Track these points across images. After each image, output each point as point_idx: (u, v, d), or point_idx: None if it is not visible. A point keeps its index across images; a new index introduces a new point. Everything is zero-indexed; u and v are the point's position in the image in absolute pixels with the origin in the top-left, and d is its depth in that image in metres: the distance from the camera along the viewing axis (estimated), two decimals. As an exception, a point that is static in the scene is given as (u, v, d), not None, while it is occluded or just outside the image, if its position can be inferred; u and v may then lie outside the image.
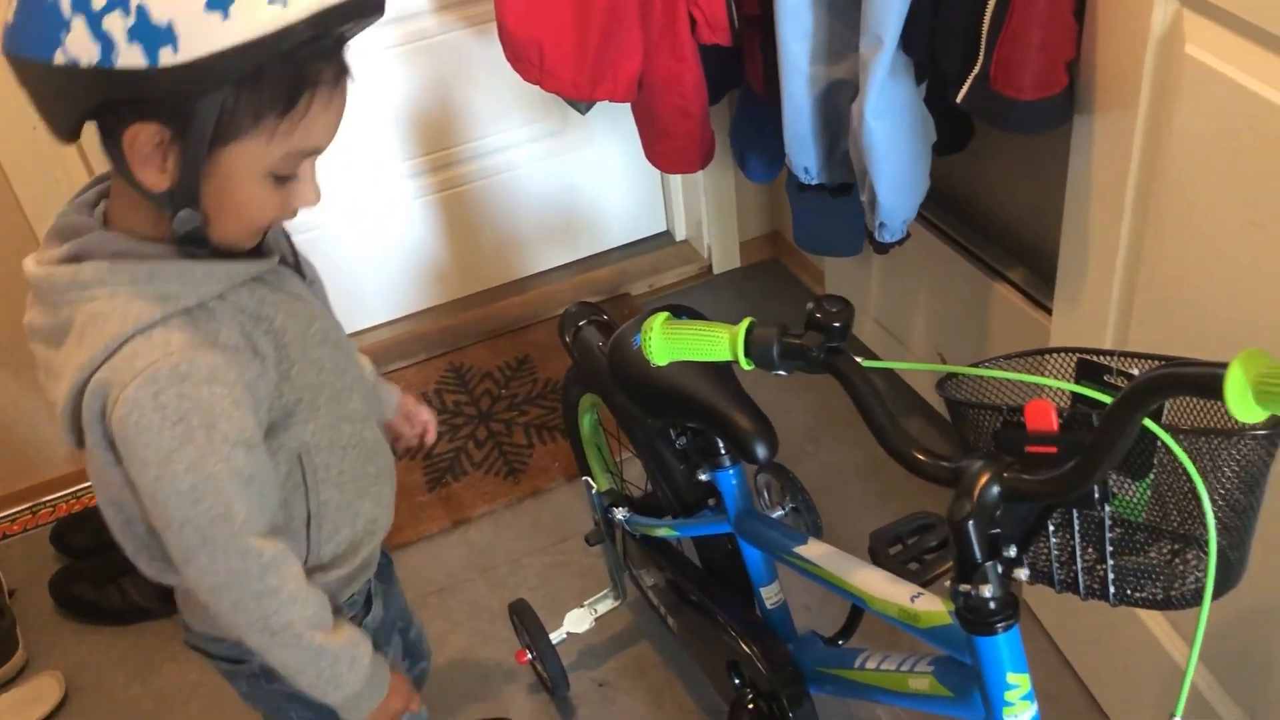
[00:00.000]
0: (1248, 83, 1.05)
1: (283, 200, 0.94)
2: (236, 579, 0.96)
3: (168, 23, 0.79)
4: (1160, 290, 1.26)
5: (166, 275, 0.91)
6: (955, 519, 0.89)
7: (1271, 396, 0.68)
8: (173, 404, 0.89)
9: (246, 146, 0.87)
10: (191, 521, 0.93)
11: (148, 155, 0.87)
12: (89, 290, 0.91)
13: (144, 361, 0.89)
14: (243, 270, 0.96)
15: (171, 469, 0.91)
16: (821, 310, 0.98)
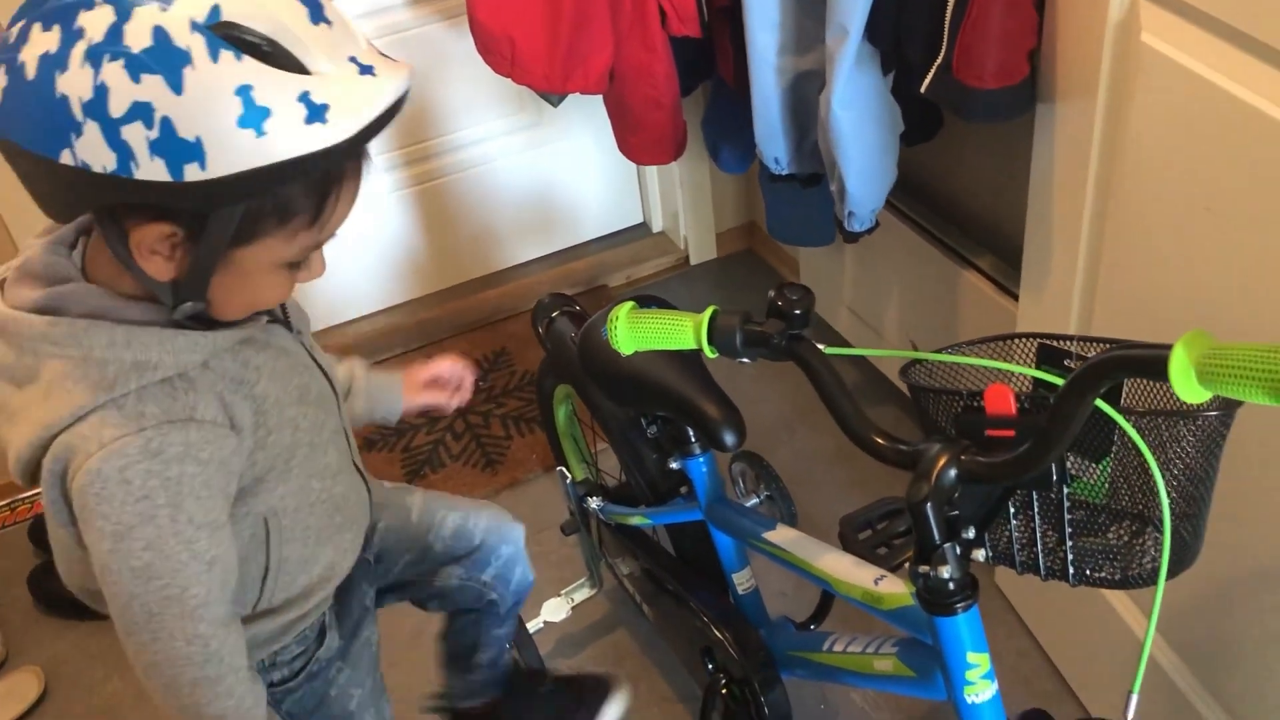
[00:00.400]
0: (1202, 70, 1.07)
1: (292, 281, 0.91)
2: (175, 662, 0.91)
3: (196, 139, 0.74)
4: (1122, 275, 1.28)
5: (146, 343, 0.85)
6: (913, 501, 0.90)
7: (1214, 377, 0.69)
8: (138, 480, 0.84)
9: (267, 245, 0.84)
10: (140, 598, 0.87)
11: (154, 248, 0.82)
12: (61, 347, 0.85)
13: (112, 434, 0.84)
14: (229, 337, 0.91)
15: (127, 545, 0.86)
16: (783, 298, 0.99)
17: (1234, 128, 1.04)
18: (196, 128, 0.74)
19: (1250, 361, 0.67)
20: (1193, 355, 0.70)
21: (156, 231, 0.81)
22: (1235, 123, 1.04)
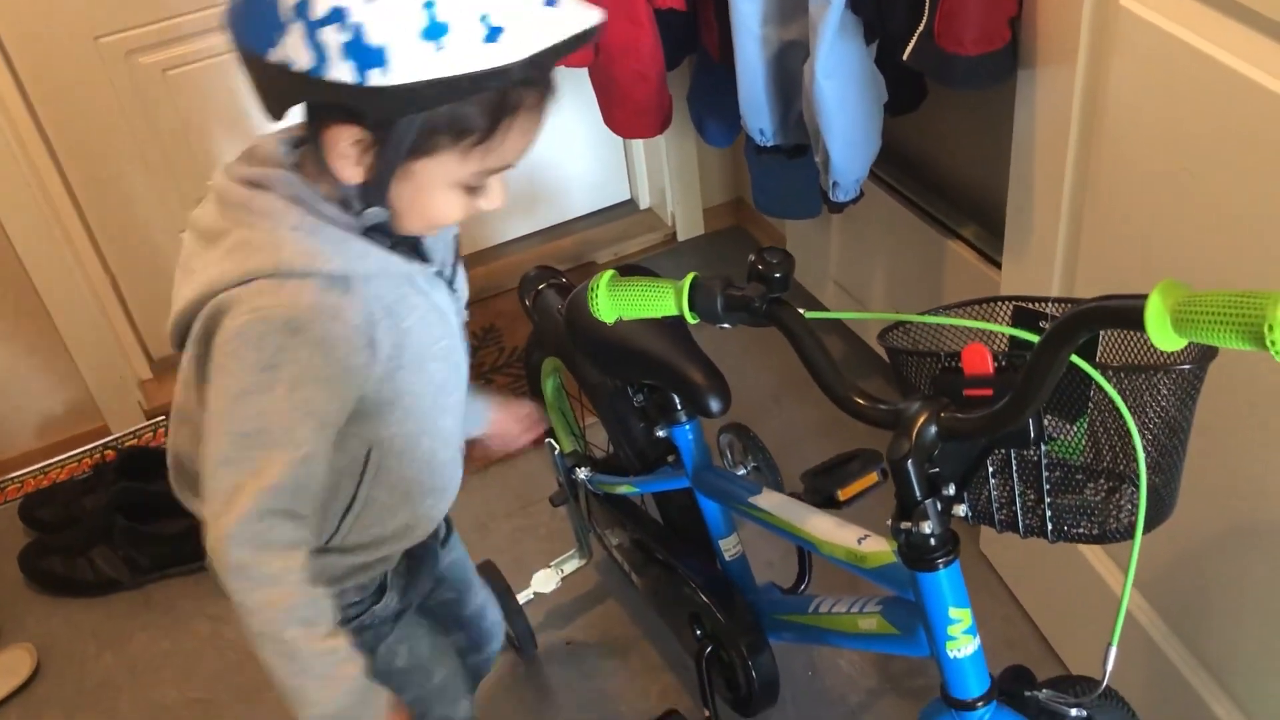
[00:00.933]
0: (1180, 33, 1.08)
1: (469, 205, 0.94)
2: (245, 530, 0.91)
3: (381, 46, 0.80)
4: (1103, 238, 1.29)
5: (326, 236, 0.91)
6: (894, 458, 0.91)
7: (1188, 323, 0.70)
8: (270, 349, 0.88)
9: (441, 161, 0.89)
10: (232, 464, 0.90)
11: (345, 152, 0.89)
12: (254, 217, 0.91)
13: (265, 302, 0.89)
14: (398, 265, 0.96)
15: (241, 408, 0.89)
16: (763, 262, 1.00)
17: (1212, 90, 1.05)
18: (383, 35, 0.80)
19: (1224, 306, 0.68)
20: (1168, 303, 0.71)
21: (346, 134, 0.87)
22: (1213, 85, 1.05)
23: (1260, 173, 1.03)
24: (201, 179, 2.33)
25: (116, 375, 2.24)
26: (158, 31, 2.07)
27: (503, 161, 0.91)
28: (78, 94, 2.05)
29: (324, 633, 0.94)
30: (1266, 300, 0.64)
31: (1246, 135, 1.03)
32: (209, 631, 1.91)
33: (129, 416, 2.29)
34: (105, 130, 2.11)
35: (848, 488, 1.17)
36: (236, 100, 2.18)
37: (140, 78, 2.09)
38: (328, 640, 0.94)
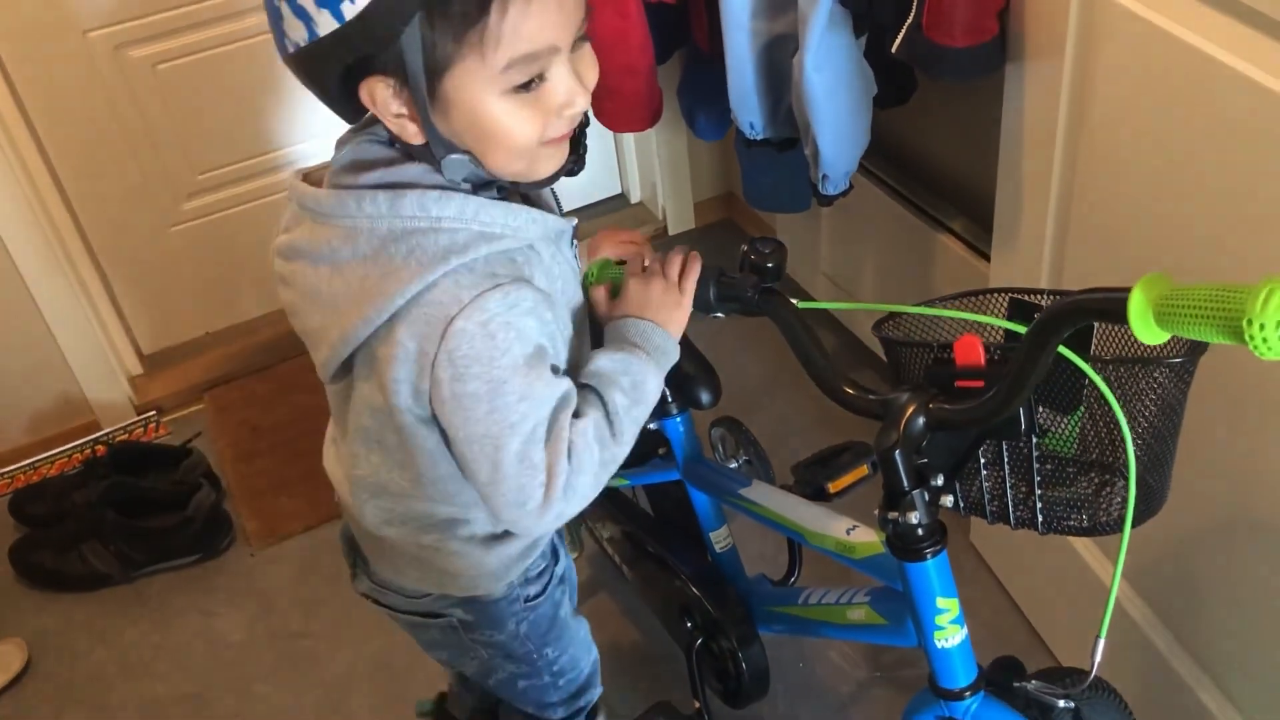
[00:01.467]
0: (1165, 25, 1.08)
1: (539, 109, 0.88)
2: (583, 477, 0.93)
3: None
4: (1091, 230, 1.29)
5: (493, 213, 0.89)
6: (882, 448, 0.92)
7: (1171, 318, 0.71)
8: (500, 334, 0.87)
9: (464, 69, 0.85)
10: (526, 449, 0.89)
11: (392, 109, 0.87)
12: (409, 218, 0.88)
13: (470, 293, 0.87)
14: (556, 224, 0.95)
15: (504, 400, 0.88)
16: (755, 252, 1.01)
17: (1199, 81, 1.06)
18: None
19: (1205, 301, 0.68)
20: (1151, 297, 0.72)
21: (379, 91, 0.86)
22: (1200, 76, 1.05)
23: (1246, 165, 1.03)
24: (192, 172, 2.34)
25: (107, 370, 2.24)
26: (148, 25, 2.06)
27: (527, 44, 0.85)
28: (67, 88, 2.05)
29: (618, 405, 0.95)
30: (1245, 295, 0.65)
31: (1233, 127, 1.03)
32: (200, 626, 1.91)
33: (119, 412, 2.28)
34: (95, 124, 2.10)
35: (838, 480, 1.18)
36: (227, 94, 2.17)
37: (130, 72, 2.08)
38: (619, 396, 0.95)
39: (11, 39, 1.97)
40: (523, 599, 1.15)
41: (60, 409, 2.25)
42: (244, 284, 2.37)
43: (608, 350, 0.98)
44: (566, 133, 0.92)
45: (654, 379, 0.97)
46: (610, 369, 0.96)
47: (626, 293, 1.02)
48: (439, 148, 0.89)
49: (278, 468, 2.14)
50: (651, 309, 1.00)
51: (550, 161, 0.93)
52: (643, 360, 0.97)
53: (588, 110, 0.95)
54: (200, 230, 2.30)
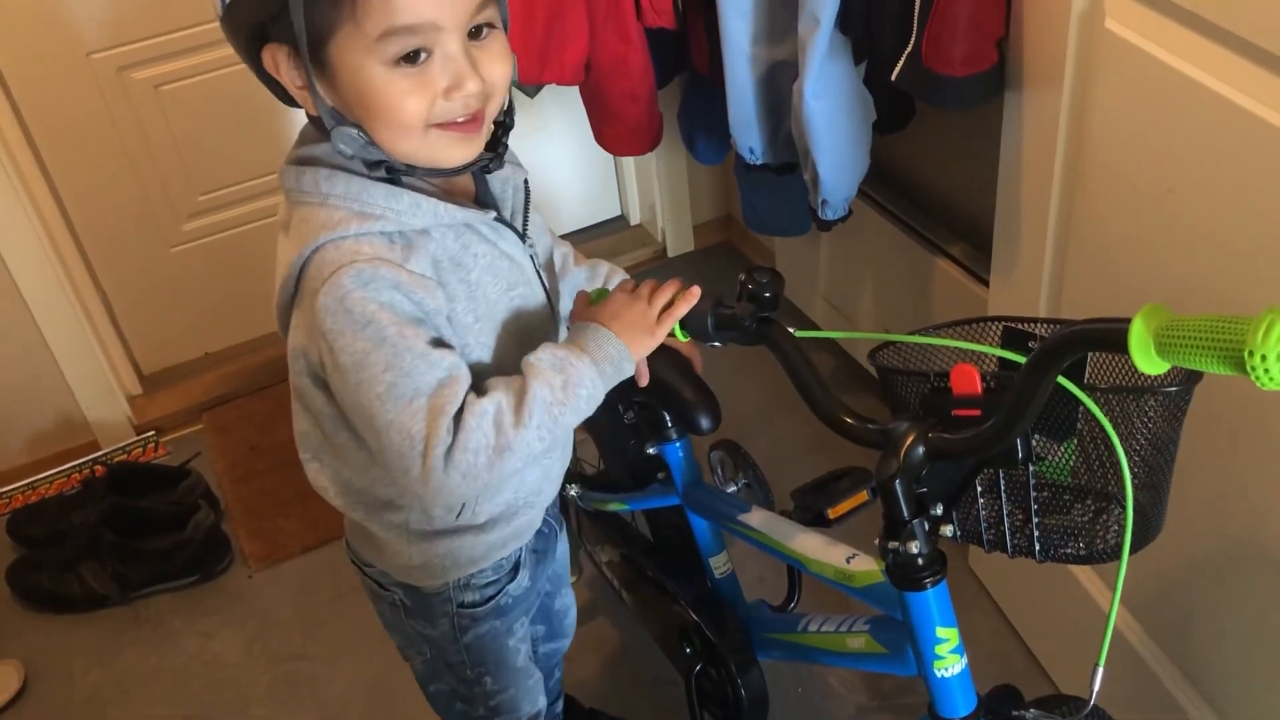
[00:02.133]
0: (1163, 56, 1.09)
1: (425, 86, 0.89)
2: (467, 454, 0.91)
3: None
4: (1089, 258, 1.30)
5: (374, 195, 0.92)
6: (882, 478, 0.92)
7: (1171, 348, 0.71)
8: (358, 308, 0.89)
9: (344, 37, 0.87)
10: (396, 423, 0.90)
11: (295, 81, 0.91)
12: (305, 194, 0.93)
13: (329, 268, 0.90)
14: (452, 213, 0.95)
15: (370, 372, 0.89)
16: (753, 281, 1.01)
17: (1195, 112, 1.06)
18: None
19: (1205, 332, 0.69)
20: (1151, 327, 0.72)
21: (281, 60, 0.90)
22: (1196, 107, 1.06)
23: (1242, 195, 1.04)
24: (193, 193, 2.35)
25: (106, 390, 2.24)
26: (150, 48, 2.07)
27: (400, 16, 0.86)
28: (70, 109, 2.06)
29: (539, 396, 0.93)
30: (1246, 326, 0.65)
31: (1229, 158, 1.04)
32: (197, 647, 1.90)
33: (118, 432, 2.28)
34: (97, 145, 2.11)
35: (837, 506, 1.18)
36: (228, 116, 2.18)
37: (132, 93, 2.09)
38: (543, 389, 0.93)
39: (16, 61, 1.98)
40: (458, 602, 1.14)
41: (59, 429, 2.25)
42: (244, 304, 2.37)
43: (557, 346, 0.97)
44: (465, 121, 0.92)
45: (592, 386, 0.95)
46: (548, 363, 0.94)
47: (606, 301, 1.02)
48: (327, 118, 0.91)
49: (276, 488, 2.14)
50: (621, 323, 0.99)
51: (451, 149, 0.93)
52: (586, 365, 0.95)
53: (509, 110, 0.98)
54: (200, 251, 2.31)
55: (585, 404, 0.95)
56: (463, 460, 0.90)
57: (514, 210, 1.04)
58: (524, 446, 0.92)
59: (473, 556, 1.11)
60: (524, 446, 0.92)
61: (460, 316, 0.96)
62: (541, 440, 0.93)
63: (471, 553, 1.10)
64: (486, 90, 0.91)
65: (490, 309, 0.99)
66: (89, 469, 2.15)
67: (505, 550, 1.14)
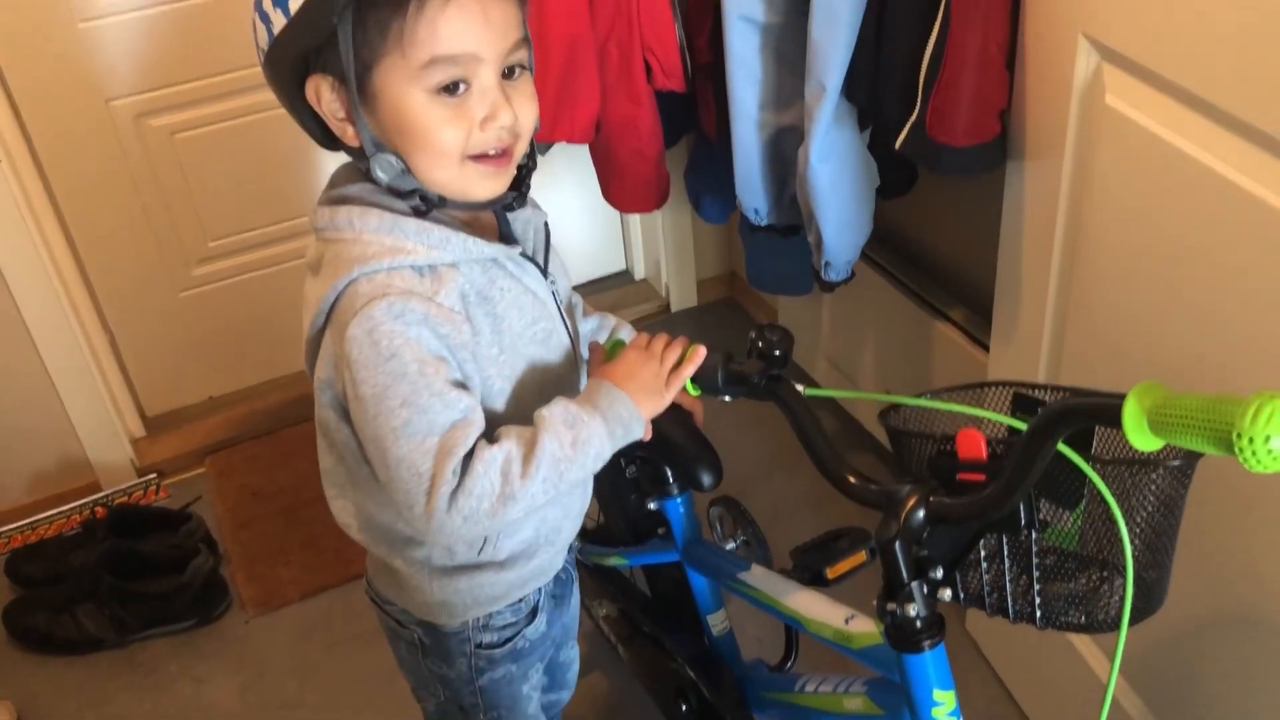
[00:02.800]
0: (1162, 132, 1.11)
1: (463, 116, 0.93)
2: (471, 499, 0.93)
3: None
4: (1088, 327, 1.32)
5: (405, 230, 0.95)
6: (882, 540, 0.93)
7: (1164, 426, 0.73)
8: (384, 341, 0.92)
9: (389, 65, 0.91)
10: (407, 460, 0.92)
11: (336, 113, 0.95)
12: (339, 231, 0.96)
13: (363, 301, 0.92)
14: (480, 248, 0.98)
15: (387, 405, 0.92)
16: (763, 339, 1.03)
17: (1193, 188, 1.09)
18: None
19: (1196, 412, 0.70)
20: (1145, 405, 0.73)
21: (324, 90, 0.94)
22: (1194, 183, 1.08)
23: (1238, 272, 1.06)
24: (204, 239, 2.37)
25: (110, 432, 2.25)
26: (168, 96, 2.11)
27: (444, 45, 0.90)
28: (86, 153, 2.09)
29: (547, 450, 0.95)
30: (1235, 408, 0.66)
31: (1226, 234, 1.06)
32: (192, 693, 1.89)
33: (121, 473, 2.29)
34: (111, 189, 2.14)
35: (836, 566, 1.18)
36: (241, 164, 2.22)
37: (149, 140, 2.13)
38: (553, 443, 0.95)
39: (37, 104, 2.02)
40: (476, 643, 1.16)
41: (61, 469, 2.25)
42: (250, 349, 2.39)
43: (571, 402, 0.99)
44: (497, 154, 0.96)
45: (600, 445, 0.97)
46: (560, 417, 0.96)
47: (620, 359, 1.05)
48: (369, 145, 0.95)
49: (277, 534, 2.14)
50: (633, 384, 1.02)
51: (482, 182, 0.97)
52: (598, 424, 0.97)
53: (533, 152, 1.02)
54: (209, 296, 2.33)
55: (592, 462, 0.98)
56: (466, 504, 0.92)
57: (536, 249, 1.08)
58: (528, 498, 0.94)
59: (493, 595, 1.12)
60: (528, 498, 0.94)
61: (485, 349, 0.99)
62: (545, 493, 0.95)
63: (492, 590, 1.12)
64: (517, 127, 0.96)
65: (514, 341, 1.02)
66: (89, 510, 2.16)
67: (525, 589, 1.15)
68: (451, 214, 1.00)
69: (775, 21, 1.52)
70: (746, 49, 1.56)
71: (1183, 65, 1.06)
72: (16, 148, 2.01)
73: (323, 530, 2.10)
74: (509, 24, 0.94)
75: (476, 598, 1.12)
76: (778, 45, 1.55)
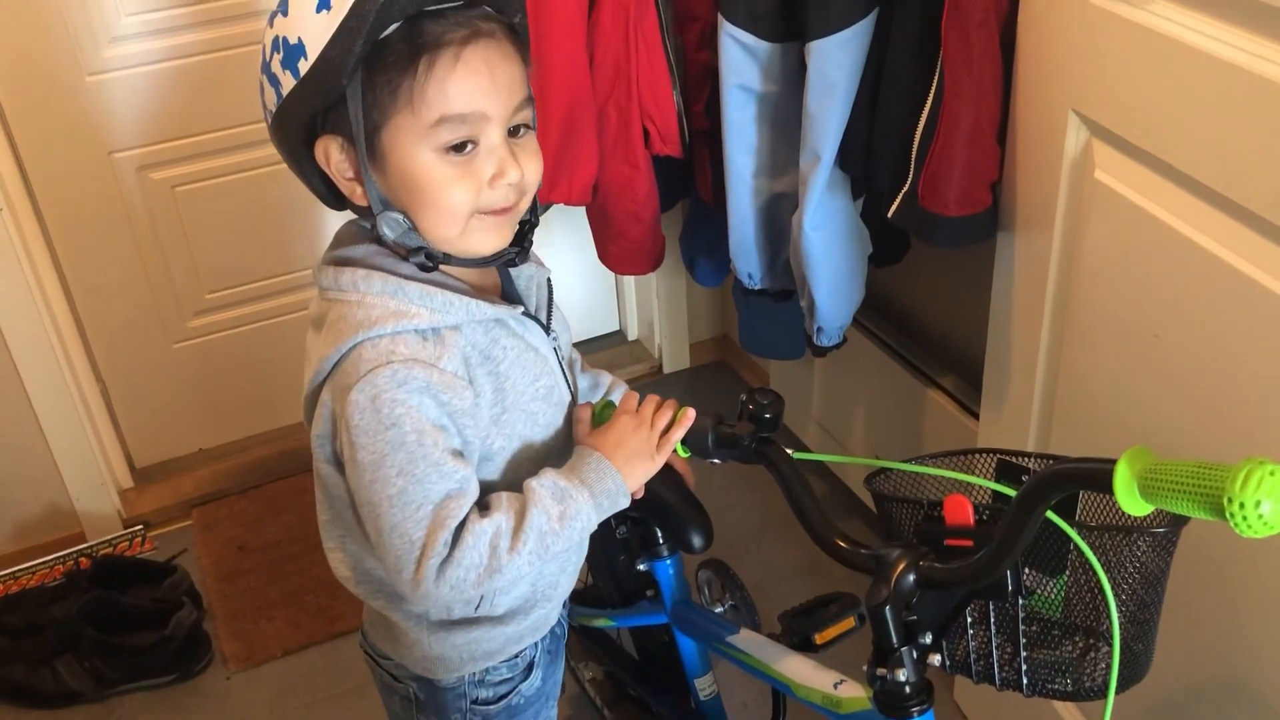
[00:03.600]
0: (1150, 208, 1.14)
1: (472, 174, 0.94)
2: (459, 570, 0.95)
3: (298, 39, 0.90)
4: (1078, 397, 1.33)
5: (409, 293, 0.96)
6: (873, 604, 0.93)
7: (1154, 491, 0.74)
8: (386, 409, 0.92)
9: (398, 125, 0.92)
10: (399, 528, 0.93)
11: (345, 173, 0.96)
12: (343, 292, 0.97)
13: (366, 366, 0.93)
14: (484, 309, 0.99)
15: (384, 472, 0.93)
16: (754, 402, 1.04)
17: (1180, 262, 1.11)
18: (297, 30, 0.90)
19: (1186, 477, 0.71)
20: (1135, 470, 0.75)
21: (332, 151, 0.95)
22: (1181, 258, 1.11)
23: (1223, 345, 1.08)
24: (201, 291, 2.38)
25: (98, 482, 2.24)
26: (170, 149, 2.14)
27: (453, 104, 0.92)
28: (87, 204, 2.11)
29: (535, 524, 0.96)
30: (1226, 474, 0.68)
31: (1211, 308, 1.08)
32: (169, 750, 1.87)
33: (106, 524, 2.27)
34: (110, 240, 2.16)
35: (825, 631, 1.19)
36: (240, 218, 2.24)
37: (150, 192, 2.15)
38: (541, 517, 0.97)
39: (40, 154, 2.04)
40: (472, 699, 1.16)
41: (47, 518, 2.24)
42: (242, 403, 2.39)
43: (558, 474, 1.01)
44: (502, 209, 0.97)
45: (587, 519, 1.00)
46: (549, 491, 0.99)
47: (610, 426, 1.06)
48: (376, 203, 0.96)
49: (261, 588, 2.13)
50: (622, 453, 1.03)
51: (485, 237, 0.98)
52: (585, 499, 0.99)
53: (535, 208, 1.04)
54: (203, 348, 2.33)
55: (578, 535, 1.00)
56: (454, 575, 0.94)
57: (538, 305, 1.10)
58: (514, 570, 0.96)
59: (490, 649, 1.12)
60: (514, 570, 0.96)
61: (486, 410, 1.00)
62: (531, 565, 0.97)
63: (489, 645, 1.11)
64: (523, 184, 0.98)
65: (517, 399, 1.03)
66: (74, 560, 2.14)
67: (521, 644, 1.15)
68: (456, 275, 1.01)
69: (772, 91, 1.55)
70: (743, 117, 1.59)
71: (1171, 143, 1.09)
72: (17, 196, 2.02)
73: (308, 586, 2.08)
74: (514, 83, 0.96)
75: (473, 652, 1.11)
76: (774, 114, 1.58)
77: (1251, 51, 0.99)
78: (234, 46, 2.10)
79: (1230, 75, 1.00)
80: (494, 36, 0.94)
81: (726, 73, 1.56)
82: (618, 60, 1.72)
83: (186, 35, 2.06)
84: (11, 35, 1.94)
